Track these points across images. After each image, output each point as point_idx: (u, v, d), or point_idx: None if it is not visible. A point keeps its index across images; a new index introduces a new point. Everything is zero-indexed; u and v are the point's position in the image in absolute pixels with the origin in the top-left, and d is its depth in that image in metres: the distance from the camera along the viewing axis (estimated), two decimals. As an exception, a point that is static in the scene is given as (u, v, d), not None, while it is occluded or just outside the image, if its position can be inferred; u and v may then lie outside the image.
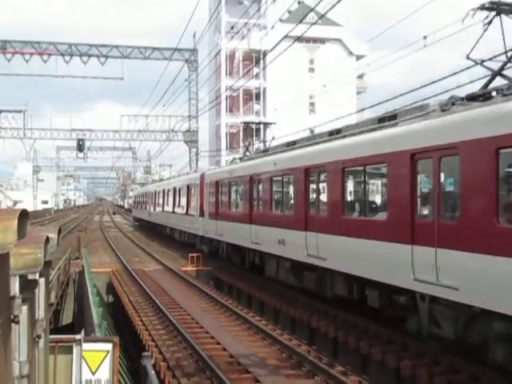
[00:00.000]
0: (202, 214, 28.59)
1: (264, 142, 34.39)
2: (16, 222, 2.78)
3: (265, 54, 47.23)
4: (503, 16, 10.74)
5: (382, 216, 12.80)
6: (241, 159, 26.59)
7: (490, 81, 11.24)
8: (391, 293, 12.20)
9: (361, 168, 13.65)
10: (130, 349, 16.31)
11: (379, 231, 12.39)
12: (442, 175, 10.90)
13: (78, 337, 6.57)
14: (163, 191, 44.00)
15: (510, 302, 8.79)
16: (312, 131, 30.93)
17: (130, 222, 77.66)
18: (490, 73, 11.48)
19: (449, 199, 10.92)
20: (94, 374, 7.15)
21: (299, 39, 24.15)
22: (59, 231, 4.18)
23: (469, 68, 12.66)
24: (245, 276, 23.32)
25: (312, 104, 67.47)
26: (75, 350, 6.45)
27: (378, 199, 14.37)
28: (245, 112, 68.49)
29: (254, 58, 62.31)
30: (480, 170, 9.58)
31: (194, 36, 49.28)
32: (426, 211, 11.46)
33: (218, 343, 13.74)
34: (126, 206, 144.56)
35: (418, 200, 11.52)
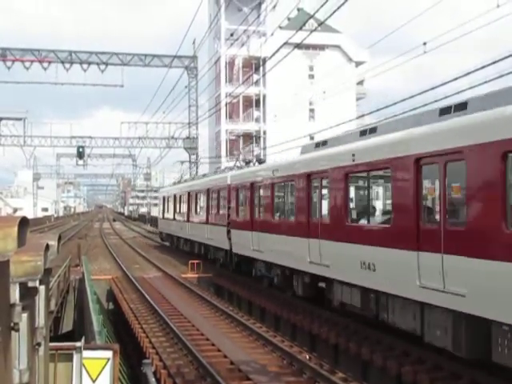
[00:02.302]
0: None
1: (264, 148, 34.34)
2: (16, 229, 2.78)
3: (264, 60, 47.32)
4: None
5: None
6: None
7: None
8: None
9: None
10: (131, 356, 16.26)
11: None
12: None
13: (78, 344, 6.56)
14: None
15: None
16: (312, 138, 30.98)
17: (129, 228, 77.61)
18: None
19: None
20: (94, 381, 7.13)
21: (299, 46, 24.18)
22: (59, 238, 4.17)
23: (468, 74, 12.69)
24: (245, 283, 23.28)
25: (312, 110, 67.57)
26: (75, 357, 6.43)
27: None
28: (245, 119, 68.57)
29: (254, 65, 62.44)
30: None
31: (194, 43, 49.48)
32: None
33: (219, 350, 13.71)
34: (126, 213, 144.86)
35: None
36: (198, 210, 31.46)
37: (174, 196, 38.81)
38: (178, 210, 37.56)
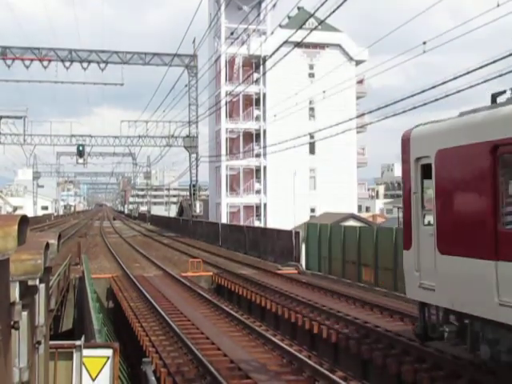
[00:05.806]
0: None
1: (264, 147, 34.30)
2: (16, 227, 2.78)
3: (264, 59, 47.31)
4: None
5: None
6: None
7: None
8: None
9: None
10: (131, 355, 16.27)
11: None
12: None
13: (78, 343, 6.57)
14: None
15: None
16: (312, 137, 30.93)
17: (129, 227, 77.61)
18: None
19: None
20: (94, 380, 7.14)
21: (299, 44, 24.16)
22: (59, 237, 4.17)
23: (469, 73, 12.69)
24: (245, 282, 23.30)
25: (312, 109, 67.47)
26: (75, 356, 6.44)
27: None
28: (245, 117, 68.51)
29: (254, 64, 62.37)
30: None
31: (194, 42, 49.46)
32: None
33: (219, 349, 13.71)
34: (126, 212, 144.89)
35: None
36: None
37: None
38: None
